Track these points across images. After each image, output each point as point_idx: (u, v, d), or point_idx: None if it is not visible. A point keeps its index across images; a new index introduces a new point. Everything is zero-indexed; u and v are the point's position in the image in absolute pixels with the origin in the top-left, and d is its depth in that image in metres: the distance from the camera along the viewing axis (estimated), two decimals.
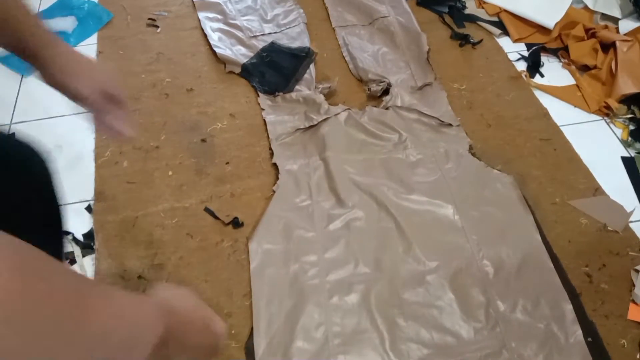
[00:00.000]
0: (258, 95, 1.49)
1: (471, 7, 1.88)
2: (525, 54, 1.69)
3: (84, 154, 1.34)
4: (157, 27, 1.72)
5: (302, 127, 1.38)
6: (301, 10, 1.79)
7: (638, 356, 0.99)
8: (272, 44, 1.63)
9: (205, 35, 1.67)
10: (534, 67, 1.64)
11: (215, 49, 1.61)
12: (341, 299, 1.05)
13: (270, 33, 1.69)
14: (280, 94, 1.48)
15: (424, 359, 0.97)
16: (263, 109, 1.45)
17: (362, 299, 1.05)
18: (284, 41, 1.66)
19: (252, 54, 1.60)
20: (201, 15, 1.75)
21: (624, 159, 1.37)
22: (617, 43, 1.58)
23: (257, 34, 1.68)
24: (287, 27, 1.73)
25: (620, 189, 1.29)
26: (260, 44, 1.63)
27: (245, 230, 1.18)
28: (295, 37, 1.69)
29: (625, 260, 1.14)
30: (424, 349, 0.98)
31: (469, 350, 0.98)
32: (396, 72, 1.57)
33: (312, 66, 1.58)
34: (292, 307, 1.03)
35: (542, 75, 1.62)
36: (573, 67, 1.63)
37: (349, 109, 1.42)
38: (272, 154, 1.33)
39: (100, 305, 0.38)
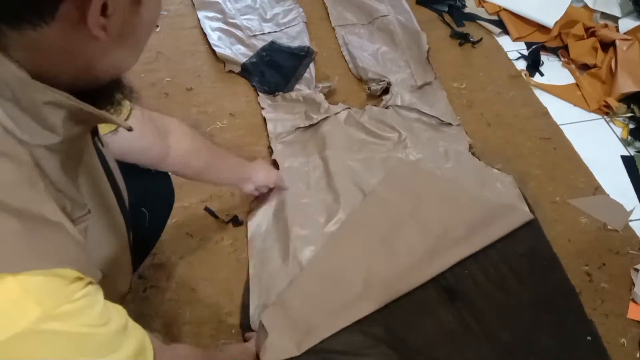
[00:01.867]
0: (258, 95, 1.49)
1: (471, 6, 1.88)
2: (525, 52, 1.69)
3: None
4: (157, 26, 1.72)
5: (302, 125, 1.38)
6: (301, 9, 1.79)
7: (638, 355, 0.99)
8: (272, 43, 1.63)
9: (204, 34, 1.67)
10: (534, 66, 1.64)
11: (214, 48, 1.60)
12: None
13: (269, 32, 1.69)
14: (280, 93, 1.48)
15: None
16: (263, 108, 1.45)
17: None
18: (284, 40, 1.66)
19: (251, 53, 1.59)
20: (200, 14, 1.75)
21: (623, 157, 1.37)
22: (617, 42, 1.58)
23: (257, 33, 1.68)
24: (287, 26, 1.73)
25: (620, 187, 1.29)
26: (260, 43, 1.63)
27: (244, 229, 1.18)
28: (295, 36, 1.69)
29: (625, 259, 1.14)
30: None
31: None
32: (396, 71, 1.57)
33: (312, 65, 1.58)
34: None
35: (541, 74, 1.62)
36: (573, 66, 1.63)
37: (349, 108, 1.42)
38: (271, 152, 1.33)
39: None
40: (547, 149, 1.37)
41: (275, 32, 1.69)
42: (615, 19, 1.71)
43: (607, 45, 1.62)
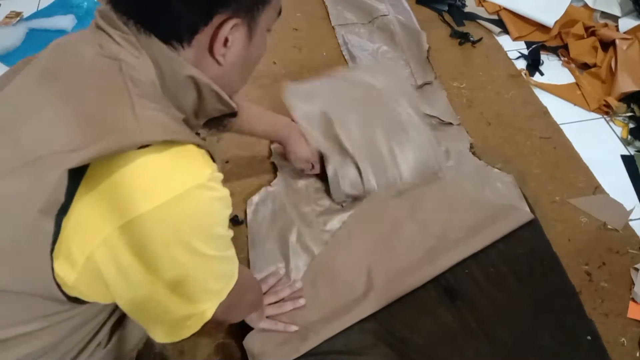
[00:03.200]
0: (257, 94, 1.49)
1: (471, 5, 1.88)
2: (525, 52, 1.69)
3: None
4: None
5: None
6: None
7: (638, 354, 0.99)
8: None
9: None
10: (534, 65, 1.64)
11: None
12: None
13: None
14: None
15: None
16: None
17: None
18: None
19: None
20: None
21: (623, 157, 1.37)
22: (617, 41, 1.58)
23: None
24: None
25: (620, 187, 1.29)
26: None
27: (244, 229, 1.18)
28: None
29: (625, 258, 1.14)
30: None
31: None
32: None
33: None
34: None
35: (541, 74, 1.62)
36: (573, 65, 1.63)
37: None
38: (271, 153, 1.33)
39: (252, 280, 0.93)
40: (547, 149, 1.37)
41: None
42: (615, 18, 1.71)
43: (607, 45, 1.62)
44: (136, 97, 0.50)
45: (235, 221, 1.18)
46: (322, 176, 1.22)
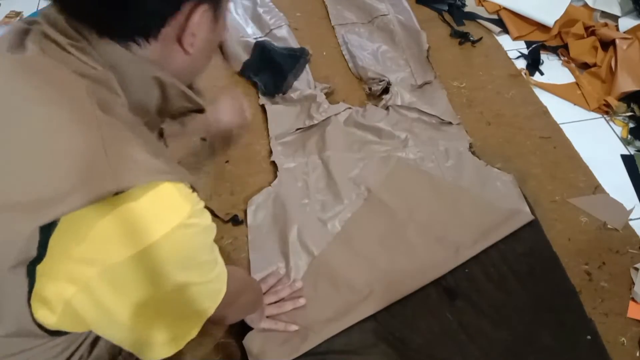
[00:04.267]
0: (258, 94, 1.49)
1: (471, 5, 1.88)
2: (525, 51, 1.69)
3: None
4: None
5: (302, 126, 1.37)
6: (281, 14, 1.75)
7: (638, 354, 0.99)
8: (264, 45, 1.58)
9: None
10: (534, 65, 1.63)
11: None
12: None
13: (256, 38, 1.65)
14: (280, 94, 1.47)
15: None
16: (263, 106, 1.45)
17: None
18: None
19: (245, 54, 1.58)
20: None
21: (623, 156, 1.37)
22: (617, 41, 1.57)
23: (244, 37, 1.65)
24: (272, 28, 1.69)
25: (620, 186, 1.29)
26: (250, 44, 1.60)
27: (244, 229, 1.18)
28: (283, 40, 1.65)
29: (625, 258, 1.14)
30: None
31: None
32: (396, 70, 1.56)
33: (308, 67, 1.57)
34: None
35: (541, 73, 1.62)
36: (573, 65, 1.63)
37: (350, 107, 1.42)
38: (271, 152, 1.33)
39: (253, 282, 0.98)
40: (547, 148, 1.37)
41: (261, 37, 1.66)
42: (615, 18, 1.71)
43: (607, 44, 1.62)
44: (106, 128, 0.47)
45: (235, 221, 1.18)
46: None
